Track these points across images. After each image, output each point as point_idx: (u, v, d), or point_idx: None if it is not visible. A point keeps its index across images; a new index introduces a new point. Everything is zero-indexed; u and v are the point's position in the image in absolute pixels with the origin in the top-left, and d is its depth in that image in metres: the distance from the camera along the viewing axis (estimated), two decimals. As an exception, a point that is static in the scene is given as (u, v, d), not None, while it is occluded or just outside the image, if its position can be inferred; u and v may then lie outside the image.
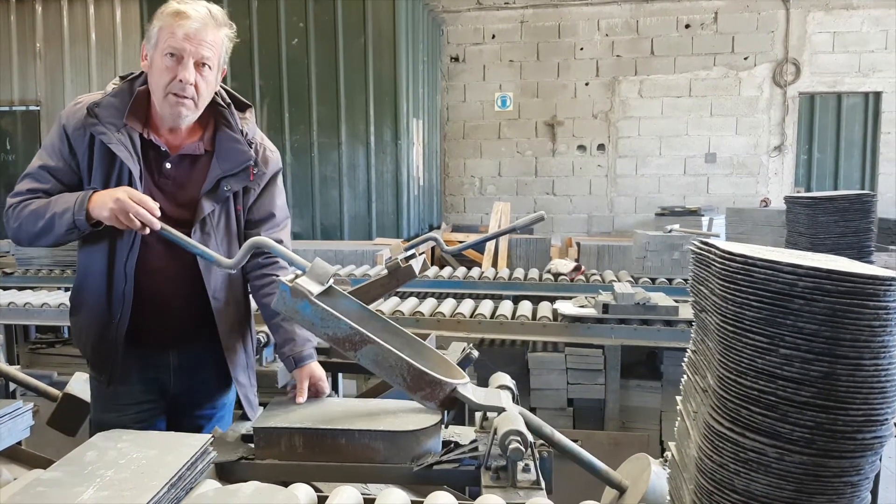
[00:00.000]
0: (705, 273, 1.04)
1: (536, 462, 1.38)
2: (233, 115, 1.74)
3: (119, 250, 1.66)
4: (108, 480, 1.12)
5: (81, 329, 1.74)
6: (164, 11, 1.59)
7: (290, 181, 6.96)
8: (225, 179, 1.70)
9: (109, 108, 1.62)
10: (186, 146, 1.70)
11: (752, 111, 8.49)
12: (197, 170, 1.71)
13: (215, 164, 1.70)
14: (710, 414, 0.97)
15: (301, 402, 1.63)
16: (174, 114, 1.63)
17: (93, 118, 1.60)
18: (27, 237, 1.65)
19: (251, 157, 1.73)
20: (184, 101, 1.61)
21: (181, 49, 1.56)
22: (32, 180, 1.66)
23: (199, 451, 1.29)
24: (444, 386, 1.45)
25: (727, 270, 0.94)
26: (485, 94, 8.86)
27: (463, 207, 9.13)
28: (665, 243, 3.79)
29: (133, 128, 1.63)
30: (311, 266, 1.51)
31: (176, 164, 1.70)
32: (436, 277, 3.93)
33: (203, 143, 1.72)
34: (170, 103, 1.60)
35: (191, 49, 1.57)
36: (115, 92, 1.65)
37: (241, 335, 1.84)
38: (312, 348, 1.76)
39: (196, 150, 1.71)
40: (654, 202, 8.53)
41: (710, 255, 1.02)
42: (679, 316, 2.88)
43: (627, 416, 2.92)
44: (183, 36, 1.56)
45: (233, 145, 1.72)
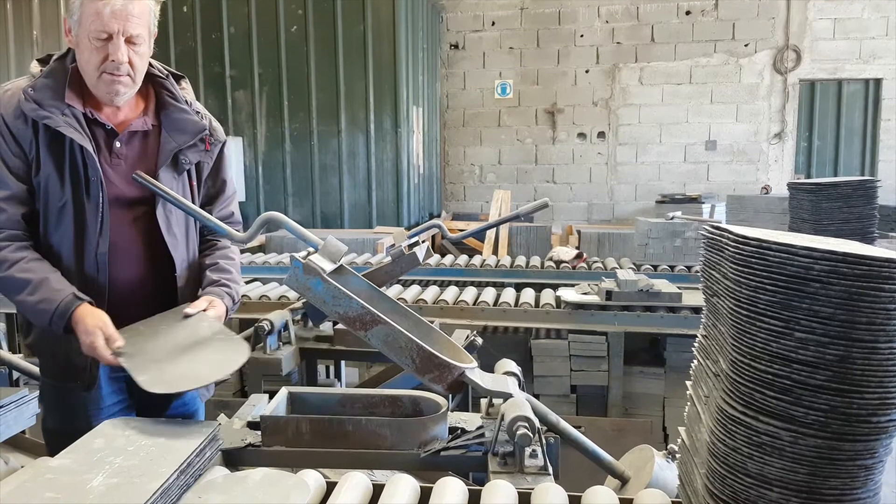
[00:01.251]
0: (717, 257, 1.04)
1: (544, 448, 1.38)
2: (174, 86, 1.67)
3: (88, 235, 1.58)
4: (117, 467, 1.11)
5: (48, 333, 1.58)
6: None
7: (289, 169, 6.96)
8: (182, 152, 1.64)
9: (46, 91, 1.52)
10: (134, 122, 1.62)
11: (753, 98, 8.47)
12: (149, 146, 1.64)
13: (168, 138, 1.63)
14: (722, 398, 0.96)
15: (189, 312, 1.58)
16: (111, 92, 1.55)
17: (32, 103, 1.50)
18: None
19: (205, 127, 1.68)
20: (119, 79, 1.53)
21: (110, 29, 1.48)
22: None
23: (208, 437, 1.29)
24: (453, 369, 1.44)
25: (741, 254, 0.93)
26: (484, 82, 8.82)
27: (463, 195, 9.12)
28: (667, 230, 3.79)
29: (75, 107, 1.55)
30: (323, 244, 1.51)
31: (126, 142, 1.62)
32: (438, 265, 3.92)
33: (149, 118, 1.65)
34: (105, 82, 1.53)
35: (119, 27, 1.48)
36: (47, 72, 1.54)
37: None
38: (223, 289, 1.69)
39: (144, 125, 1.64)
40: (655, 190, 8.52)
41: (723, 240, 1.01)
42: (682, 303, 2.88)
43: (630, 402, 2.93)
44: (110, 14, 1.47)
45: (182, 116, 1.65)
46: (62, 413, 1.67)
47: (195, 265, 1.77)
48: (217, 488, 1.14)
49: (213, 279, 1.71)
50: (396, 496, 1.15)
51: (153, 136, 1.65)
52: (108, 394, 1.66)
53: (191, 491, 1.13)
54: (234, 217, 1.84)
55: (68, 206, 1.57)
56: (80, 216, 1.57)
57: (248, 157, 6.94)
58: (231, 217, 1.82)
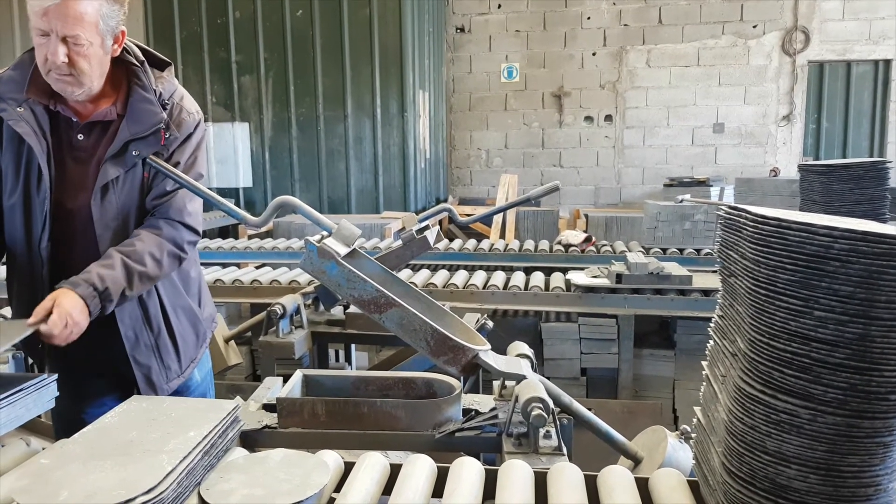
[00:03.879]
0: (735, 238, 1.04)
1: (558, 429, 1.38)
2: (146, 74, 1.63)
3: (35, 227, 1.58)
4: (138, 446, 1.13)
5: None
6: None
7: (296, 154, 6.95)
8: (133, 143, 1.59)
9: (10, 83, 1.52)
10: (96, 114, 1.61)
11: (761, 80, 8.39)
12: (108, 135, 1.62)
13: (124, 127, 1.59)
14: (740, 377, 0.97)
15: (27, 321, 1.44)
16: (63, 91, 1.53)
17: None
18: None
19: (161, 119, 1.61)
20: (63, 78, 1.50)
21: (44, 28, 1.45)
22: None
23: (231, 417, 1.30)
24: (467, 352, 1.45)
25: (760, 234, 0.94)
26: (491, 65, 8.76)
27: (469, 180, 9.09)
28: (676, 213, 3.79)
29: (38, 100, 1.53)
30: (337, 227, 1.51)
31: (86, 133, 1.61)
32: (446, 250, 3.93)
33: (116, 108, 1.62)
34: (52, 80, 1.51)
35: (54, 26, 1.44)
36: (14, 64, 1.54)
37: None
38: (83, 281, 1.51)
39: (107, 115, 1.61)
40: (662, 173, 8.48)
41: (741, 220, 1.01)
42: (692, 285, 2.88)
43: (640, 384, 2.94)
44: (41, 12, 1.43)
45: (143, 106, 1.61)
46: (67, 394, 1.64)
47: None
48: (238, 468, 1.15)
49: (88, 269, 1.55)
50: (414, 475, 1.16)
51: (115, 125, 1.62)
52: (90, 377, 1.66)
53: (214, 471, 1.14)
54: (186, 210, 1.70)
55: (19, 198, 1.57)
56: (28, 209, 1.57)
57: (255, 142, 6.93)
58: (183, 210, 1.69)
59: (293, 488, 1.07)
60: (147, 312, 1.70)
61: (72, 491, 0.98)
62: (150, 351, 1.70)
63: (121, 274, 1.54)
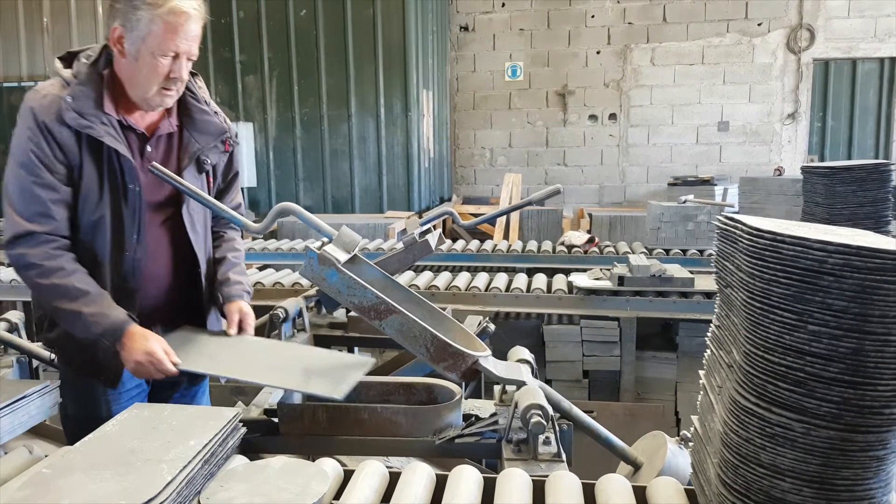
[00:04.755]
0: (731, 249, 1.04)
1: (557, 435, 1.39)
2: (195, 86, 1.71)
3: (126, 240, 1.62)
4: (139, 455, 1.14)
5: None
6: (158, 5, 1.49)
7: (300, 154, 6.95)
8: (203, 153, 1.70)
9: (85, 100, 1.53)
10: (161, 125, 1.66)
11: (766, 78, 8.35)
12: (173, 147, 1.69)
13: (192, 140, 1.69)
14: (735, 389, 0.97)
15: (232, 333, 1.69)
16: (158, 104, 1.60)
17: (73, 112, 1.51)
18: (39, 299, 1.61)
19: (225, 129, 1.73)
20: (171, 93, 1.59)
21: (178, 49, 1.53)
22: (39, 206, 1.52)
23: (231, 425, 1.31)
24: (467, 358, 1.46)
25: (755, 247, 0.94)
26: (495, 64, 8.74)
27: (473, 179, 9.07)
28: (679, 214, 3.77)
29: (112, 115, 1.57)
30: (338, 234, 1.52)
31: (155, 146, 1.66)
32: (449, 251, 3.92)
33: (173, 119, 1.69)
34: (158, 95, 1.57)
35: (186, 47, 1.55)
36: (84, 80, 1.54)
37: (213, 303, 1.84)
38: (243, 291, 1.78)
39: (170, 127, 1.68)
40: (666, 172, 8.46)
41: (737, 231, 1.01)
42: (695, 287, 2.87)
43: (643, 387, 2.93)
44: (183, 37, 1.53)
45: (204, 118, 1.70)
46: (82, 401, 1.71)
47: (211, 258, 1.83)
48: (238, 477, 1.16)
49: (229, 278, 1.77)
50: (413, 484, 1.17)
51: (176, 137, 1.70)
52: (128, 378, 1.70)
53: (214, 480, 1.15)
54: (241, 208, 1.90)
55: (106, 213, 1.60)
56: (117, 222, 1.61)
57: (259, 142, 6.93)
58: (238, 207, 1.88)
59: (293, 497, 1.08)
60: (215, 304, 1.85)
61: (72, 500, 0.99)
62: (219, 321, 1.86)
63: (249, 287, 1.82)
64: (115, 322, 1.52)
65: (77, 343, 1.63)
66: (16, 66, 7.49)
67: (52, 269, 1.51)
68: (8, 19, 7.34)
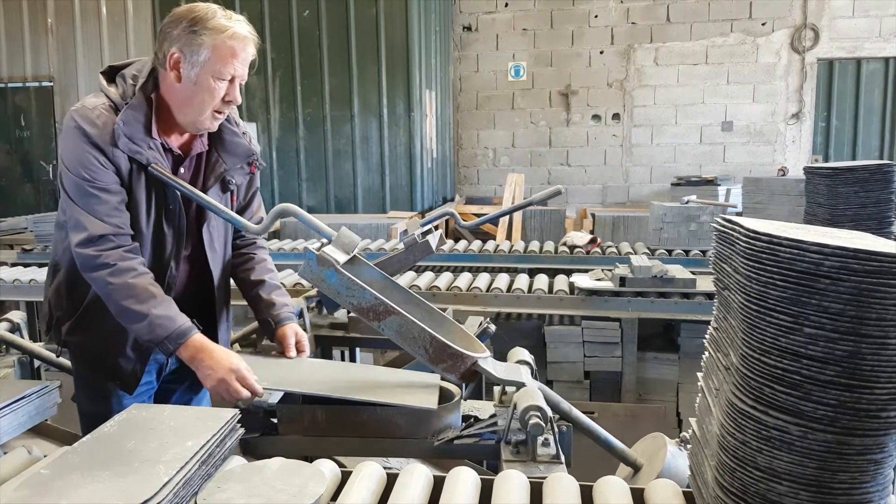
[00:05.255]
0: (728, 251, 1.04)
1: (556, 436, 1.38)
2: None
3: (165, 260, 1.68)
4: (137, 455, 1.14)
5: (104, 339, 1.67)
6: (219, 31, 1.54)
7: (303, 155, 6.97)
8: (229, 173, 1.73)
9: (135, 125, 1.58)
10: (195, 146, 1.70)
11: (770, 78, 8.33)
12: (202, 166, 1.73)
13: (219, 160, 1.72)
14: (732, 392, 0.97)
15: (291, 356, 1.71)
16: (207, 127, 1.64)
17: (125, 138, 1.56)
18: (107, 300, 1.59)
19: (253, 152, 1.77)
20: (221, 117, 1.64)
21: (236, 73, 1.58)
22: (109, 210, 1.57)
23: (229, 426, 1.31)
24: (466, 359, 1.46)
25: (752, 249, 0.93)
26: (498, 64, 8.74)
27: (476, 179, 9.07)
28: (682, 215, 3.76)
29: (157, 140, 1.62)
30: (337, 235, 1.52)
31: (188, 167, 1.71)
32: (451, 251, 3.91)
33: (205, 138, 1.72)
34: (210, 118, 1.61)
35: (242, 72, 1.59)
36: (133, 104, 1.59)
37: (226, 313, 1.89)
38: (291, 313, 1.81)
39: (202, 147, 1.72)
40: (670, 172, 8.45)
41: (734, 234, 1.01)
42: (696, 288, 2.86)
43: (644, 388, 2.92)
44: (242, 61, 1.57)
45: (233, 139, 1.74)
46: (96, 398, 1.76)
47: (228, 276, 1.86)
48: (236, 478, 1.16)
49: (274, 301, 1.80)
50: (410, 486, 1.17)
51: (204, 156, 1.73)
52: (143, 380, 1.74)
53: (211, 481, 1.15)
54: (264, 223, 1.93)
55: (148, 233, 1.65)
56: (158, 241, 1.66)
57: (262, 142, 6.93)
58: (261, 223, 1.90)
59: (290, 498, 1.08)
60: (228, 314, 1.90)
61: (70, 501, 0.99)
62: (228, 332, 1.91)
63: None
64: (181, 327, 1.55)
65: (100, 348, 1.69)
66: (20, 66, 7.52)
67: (125, 269, 1.55)
68: (13, 20, 7.37)
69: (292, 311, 1.82)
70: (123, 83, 1.62)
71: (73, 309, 1.71)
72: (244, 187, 1.83)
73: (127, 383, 1.72)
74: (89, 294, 1.66)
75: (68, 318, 1.72)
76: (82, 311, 1.70)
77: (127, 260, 1.57)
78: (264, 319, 1.79)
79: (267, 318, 1.78)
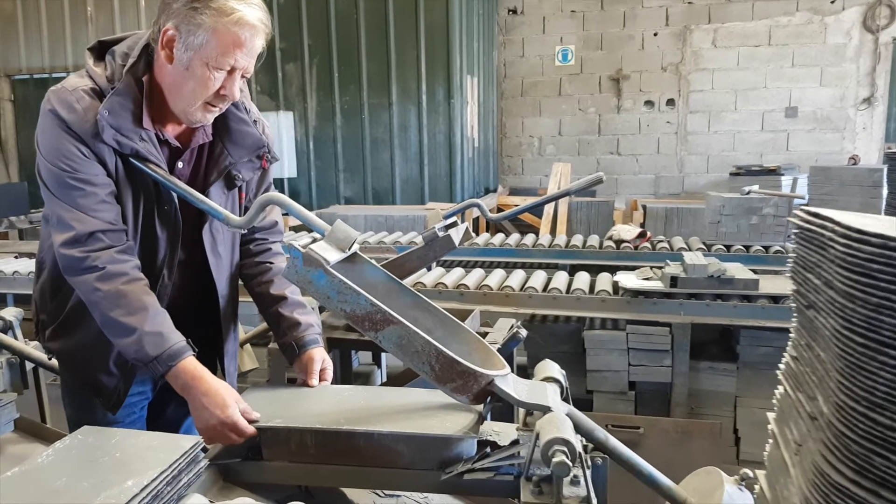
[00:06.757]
0: (817, 256, 0.75)
1: (587, 473, 1.15)
2: None
3: (157, 264, 1.49)
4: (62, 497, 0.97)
5: (88, 349, 1.49)
6: (224, 13, 1.32)
7: (340, 144, 6.90)
8: (235, 167, 1.52)
9: (123, 113, 1.37)
10: (196, 136, 1.50)
11: (839, 60, 7.91)
12: (203, 159, 1.53)
13: (224, 152, 1.51)
14: (822, 454, 0.69)
15: (313, 384, 1.49)
16: (198, 120, 1.43)
17: (111, 130, 1.35)
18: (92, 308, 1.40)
19: (264, 143, 1.55)
20: (214, 111, 1.43)
21: (238, 64, 1.36)
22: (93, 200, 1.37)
23: (185, 459, 1.11)
24: (479, 378, 1.23)
25: (856, 257, 0.65)
26: (544, 48, 8.53)
27: (521, 169, 8.90)
28: (742, 206, 3.48)
29: (150, 130, 1.42)
30: (330, 229, 1.32)
31: (187, 161, 1.50)
32: (486, 245, 3.73)
33: (208, 128, 1.51)
34: (201, 110, 1.41)
35: (245, 64, 1.38)
36: (122, 89, 1.37)
37: (234, 326, 1.70)
38: (317, 333, 1.58)
39: (205, 138, 1.51)
40: (728, 161, 8.13)
41: (826, 232, 0.72)
42: (759, 290, 2.59)
43: (697, 401, 2.64)
44: (245, 52, 1.36)
45: (241, 127, 1.52)
46: (81, 408, 1.60)
47: (236, 284, 1.66)
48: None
49: (298, 322, 1.57)
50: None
51: (210, 147, 1.53)
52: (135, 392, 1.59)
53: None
54: (278, 226, 1.72)
55: (136, 237, 1.45)
56: (149, 245, 1.46)
57: (299, 132, 6.90)
58: (275, 227, 1.71)
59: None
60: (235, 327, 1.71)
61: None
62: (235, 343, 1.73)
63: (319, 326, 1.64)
64: (172, 347, 1.34)
65: (84, 358, 1.51)
66: (62, 56, 7.64)
67: (115, 273, 1.36)
68: (54, 11, 7.48)
69: (318, 333, 1.59)
70: (113, 62, 1.41)
71: (57, 312, 1.54)
72: (254, 184, 1.60)
73: (108, 402, 1.54)
74: (73, 297, 1.48)
75: (52, 322, 1.56)
76: (65, 316, 1.53)
77: (118, 263, 1.36)
78: (286, 343, 1.56)
79: (290, 341, 1.55)
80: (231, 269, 1.63)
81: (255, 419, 1.29)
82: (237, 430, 1.27)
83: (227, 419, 1.27)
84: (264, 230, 1.69)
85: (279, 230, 1.74)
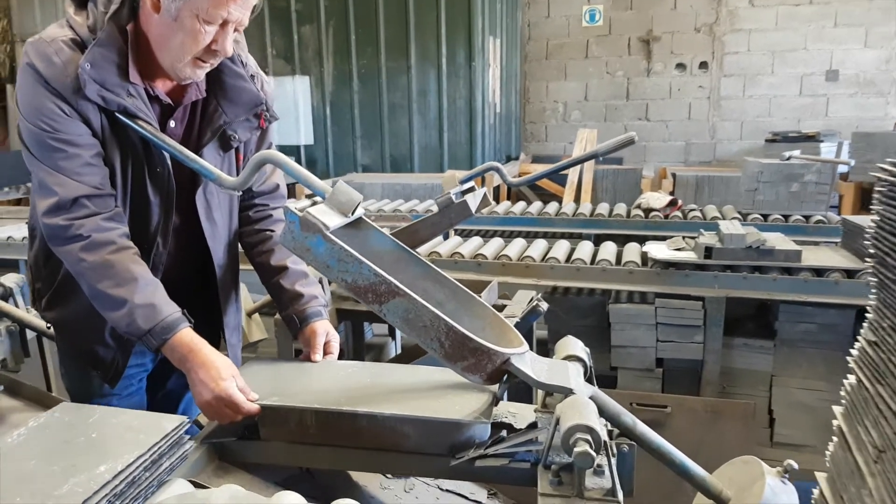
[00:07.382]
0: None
1: (612, 462, 1.06)
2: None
3: (151, 230, 1.41)
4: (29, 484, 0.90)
5: (83, 319, 1.42)
6: None
7: (357, 109, 6.77)
8: (230, 126, 1.43)
9: (107, 66, 1.27)
10: (189, 92, 1.40)
11: (887, 19, 7.53)
12: (196, 117, 1.44)
13: (219, 110, 1.42)
14: (916, 466, 0.55)
15: (317, 359, 1.42)
16: (187, 76, 1.34)
17: (95, 84, 1.26)
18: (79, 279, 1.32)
19: (262, 100, 1.45)
20: (205, 67, 1.34)
21: (230, 17, 1.27)
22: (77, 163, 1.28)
23: (166, 441, 1.02)
24: (493, 356, 1.14)
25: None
26: (571, 8, 8.26)
27: (545, 136, 8.68)
28: (781, 173, 3.31)
29: (139, 85, 1.32)
30: (331, 191, 1.21)
31: (180, 119, 1.42)
32: (506, 213, 3.61)
33: (202, 83, 1.41)
34: (191, 66, 1.31)
35: (238, 17, 1.28)
36: (103, 40, 1.27)
37: (234, 296, 1.61)
38: (320, 305, 1.50)
39: (198, 94, 1.42)
40: (764, 127, 7.86)
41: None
42: (801, 262, 2.44)
43: (729, 380, 2.51)
44: (239, 3, 1.26)
45: (237, 83, 1.42)
46: (79, 379, 1.55)
47: (235, 252, 1.59)
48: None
49: (300, 293, 1.50)
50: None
51: (203, 104, 1.44)
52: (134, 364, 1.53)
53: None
54: (280, 190, 1.63)
55: (126, 202, 1.37)
56: (141, 213, 1.38)
57: (316, 97, 6.78)
58: (276, 191, 1.61)
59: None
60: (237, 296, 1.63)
61: None
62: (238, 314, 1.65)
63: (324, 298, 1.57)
64: (166, 319, 1.26)
65: (79, 328, 1.46)
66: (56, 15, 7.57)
67: (101, 242, 1.28)
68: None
69: (323, 305, 1.52)
70: (95, 9, 1.29)
71: (51, 281, 1.47)
72: (252, 145, 1.52)
73: (107, 375, 1.48)
74: (63, 265, 1.40)
75: (47, 291, 1.49)
76: (58, 285, 1.46)
77: (104, 231, 1.28)
78: (288, 316, 1.49)
79: (291, 313, 1.48)
80: (229, 236, 1.54)
81: (253, 399, 1.21)
82: (233, 406, 1.19)
83: (222, 392, 1.19)
84: (264, 195, 1.59)
85: (281, 195, 1.64)
